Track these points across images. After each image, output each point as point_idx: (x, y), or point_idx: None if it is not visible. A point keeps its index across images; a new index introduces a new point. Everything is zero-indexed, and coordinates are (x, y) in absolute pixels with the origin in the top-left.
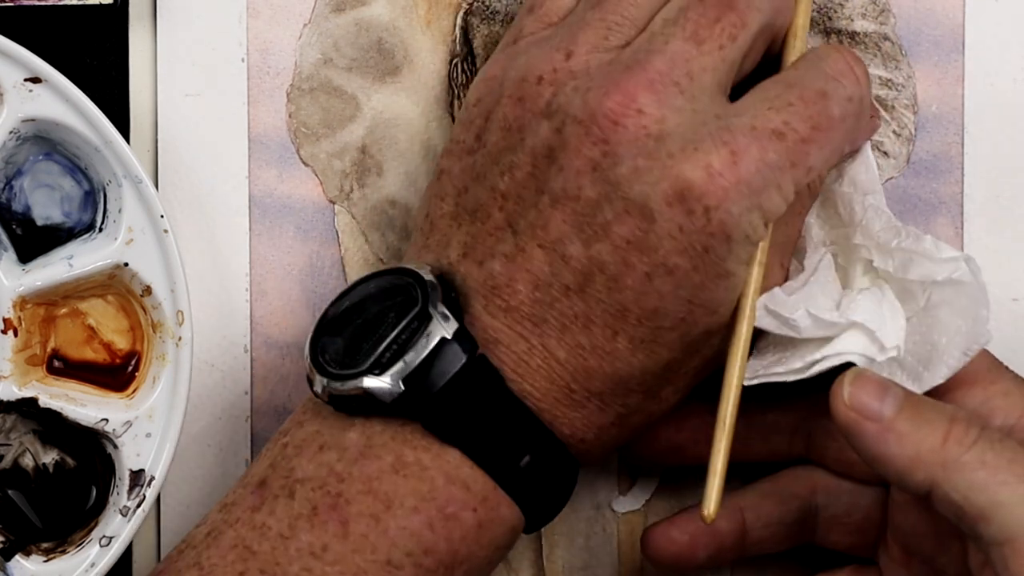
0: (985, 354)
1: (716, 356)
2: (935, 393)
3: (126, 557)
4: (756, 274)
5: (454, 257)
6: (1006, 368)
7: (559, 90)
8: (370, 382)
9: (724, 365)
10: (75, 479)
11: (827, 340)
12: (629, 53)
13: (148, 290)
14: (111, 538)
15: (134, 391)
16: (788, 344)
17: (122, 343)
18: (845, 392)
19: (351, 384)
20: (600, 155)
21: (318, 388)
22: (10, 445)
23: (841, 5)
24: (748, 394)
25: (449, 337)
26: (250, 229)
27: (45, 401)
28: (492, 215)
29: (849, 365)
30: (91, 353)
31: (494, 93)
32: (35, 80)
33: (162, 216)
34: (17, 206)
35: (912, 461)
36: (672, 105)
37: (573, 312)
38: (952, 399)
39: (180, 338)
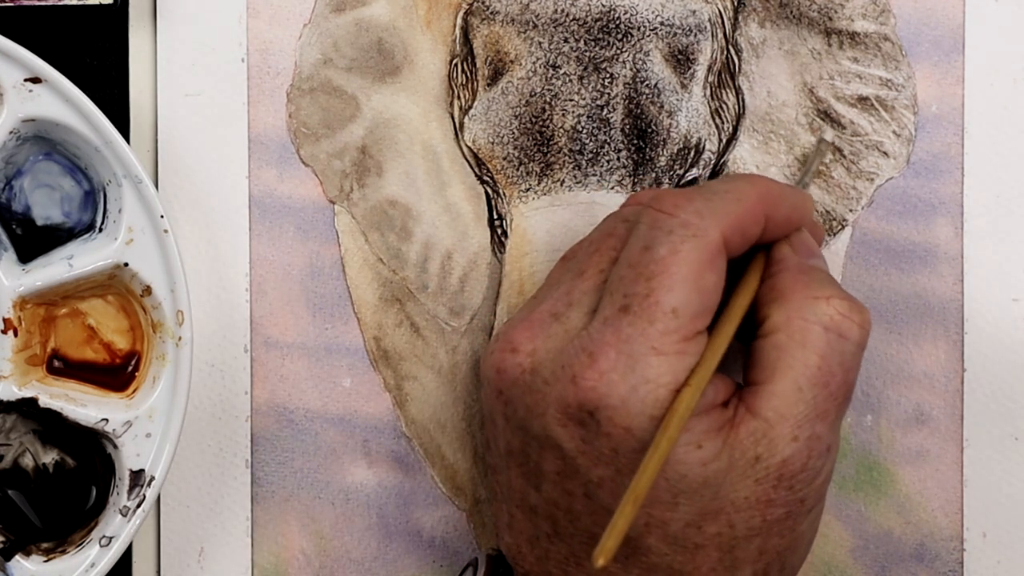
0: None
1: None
2: None
3: (126, 557)
4: (688, 397)
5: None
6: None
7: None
8: None
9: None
10: (75, 479)
11: None
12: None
13: (148, 290)
14: (111, 538)
15: (134, 391)
16: None
17: (122, 343)
18: None
19: None
20: (504, 406)
21: None
22: (10, 445)
23: (841, 5)
24: None
25: None
26: (250, 229)
27: (45, 401)
28: (492, 490)
29: None
30: (91, 353)
31: None
32: (35, 80)
33: (162, 216)
34: (17, 206)
35: None
36: (545, 334)
37: (561, 556)
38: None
39: (180, 338)
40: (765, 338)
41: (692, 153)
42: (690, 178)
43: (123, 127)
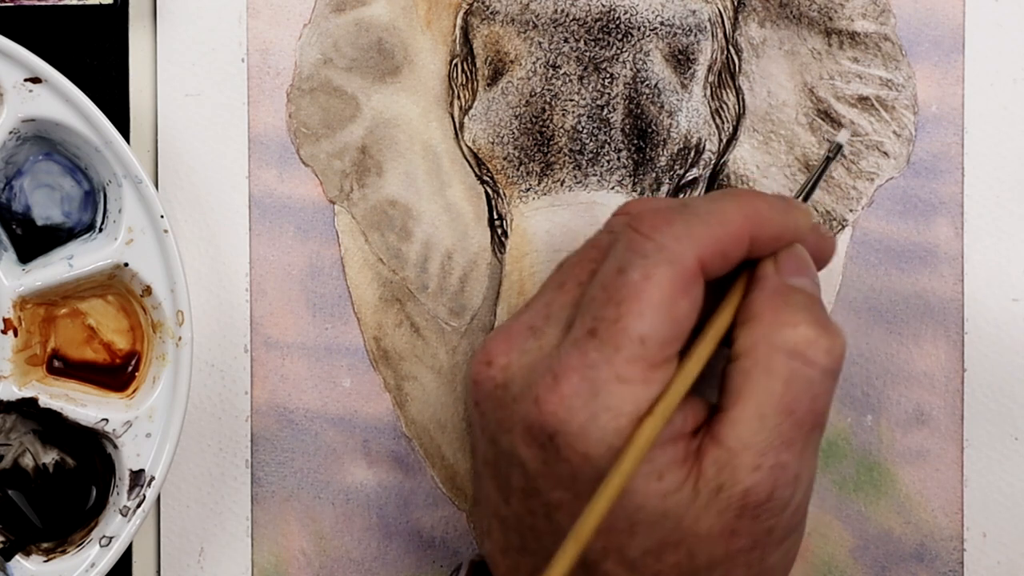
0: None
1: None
2: None
3: (126, 557)
4: (649, 429)
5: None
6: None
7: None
8: None
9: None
10: (75, 479)
11: None
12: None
13: (148, 290)
14: (111, 538)
15: (134, 391)
16: None
17: (122, 343)
18: None
19: None
20: (480, 417)
21: None
22: (10, 445)
23: (841, 5)
24: None
25: None
26: (250, 229)
27: (45, 401)
28: (476, 496)
29: None
30: (91, 353)
31: None
32: (35, 80)
33: (162, 216)
34: (17, 206)
35: None
36: (520, 349)
37: (528, 570)
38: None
39: (180, 338)
40: (733, 363)
41: (692, 153)
42: (690, 178)
43: (123, 127)
